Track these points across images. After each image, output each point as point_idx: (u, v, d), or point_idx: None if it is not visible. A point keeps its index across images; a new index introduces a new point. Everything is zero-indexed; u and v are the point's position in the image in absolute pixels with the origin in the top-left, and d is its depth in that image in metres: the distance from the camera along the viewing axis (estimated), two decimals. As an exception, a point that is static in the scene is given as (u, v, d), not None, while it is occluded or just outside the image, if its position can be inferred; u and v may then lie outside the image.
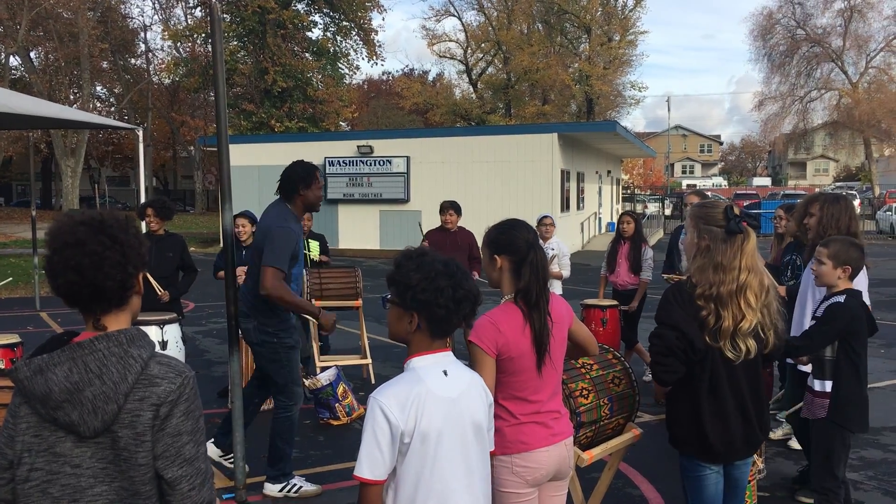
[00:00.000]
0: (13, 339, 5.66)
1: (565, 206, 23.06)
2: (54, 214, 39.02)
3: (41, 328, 10.96)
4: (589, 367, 3.64)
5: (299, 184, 4.83)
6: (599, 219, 30.52)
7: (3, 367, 5.41)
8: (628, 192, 48.86)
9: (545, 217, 7.94)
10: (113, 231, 1.83)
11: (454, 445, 2.25)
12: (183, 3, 44.31)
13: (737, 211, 3.07)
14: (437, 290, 2.22)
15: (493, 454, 2.52)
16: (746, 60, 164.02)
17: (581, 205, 26.21)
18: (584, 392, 3.48)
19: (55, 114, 18.87)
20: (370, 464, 2.15)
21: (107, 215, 1.87)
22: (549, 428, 2.84)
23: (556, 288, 7.55)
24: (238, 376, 4.80)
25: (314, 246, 8.29)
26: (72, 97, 40.10)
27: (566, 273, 7.73)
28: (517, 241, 2.84)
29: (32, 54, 39.80)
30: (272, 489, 4.93)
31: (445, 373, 2.28)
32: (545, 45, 45.57)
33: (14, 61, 39.60)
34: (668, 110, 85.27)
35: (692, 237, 3.16)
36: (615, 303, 7.53)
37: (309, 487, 4.97)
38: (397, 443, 2.17)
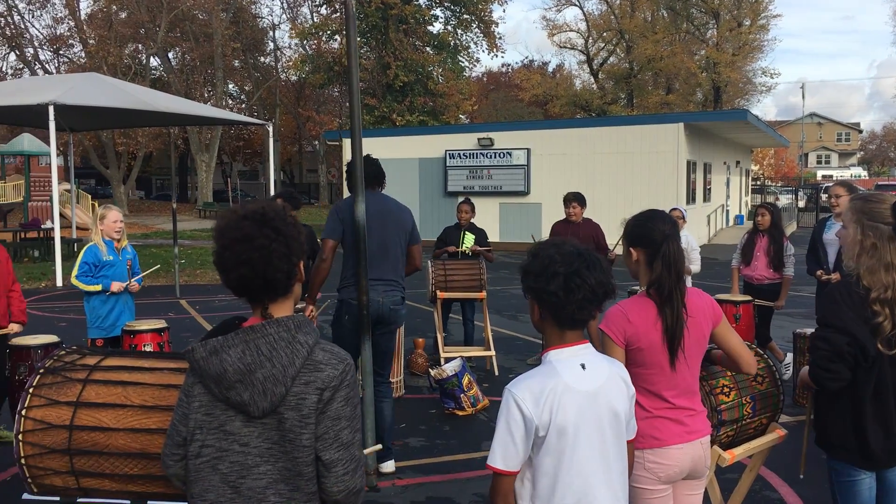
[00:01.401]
0: (160, 324, 5.99)
1: (691, 198, 22.36)
2: (189, 207, 41.18)
3: (181, 315, 11.56)
4: (730, 363, 3.49)
5: (383, 177, 5.35)
6: (727, 211, 29.42)
7: (150, 349, 5.74)
8: (758, 183, 46.89)
9: (674, 210, 7.71)
10: (275, 223, 1.90)
11: (592, 440, 2.20)
12: (310, 2, 45.73)
13: None
14: (548, 278, 2.17)
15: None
16: (889, 43, 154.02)
17: (707, 197, 25.34)
18: (725, 389, 3.35)
19: (194, 111, 19.92)
20: (504, 454, 2.14)
21: (267, 208, 1.93)
22: (684, 425, 2.76)
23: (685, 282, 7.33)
24: (370, 363, 4.91)
25: (469, 238, 8.34)
26: (206, 95, 42.11)
27: (695, 268, 7.48)
28: (652, 233, 2.76)
29: (170, 55, 42.08)
30: (391, 467, 5.18)
31: (583, 366, 2.23)
32: (670, 33, 44.27)
33: (154, 62, 42.03)
34: (803, 97, 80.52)
35: (854, 234, 2.95)
36: (748, 298, 7.23)
37: None
38: (531, 436, 2.15)
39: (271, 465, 1.88)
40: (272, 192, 25.56)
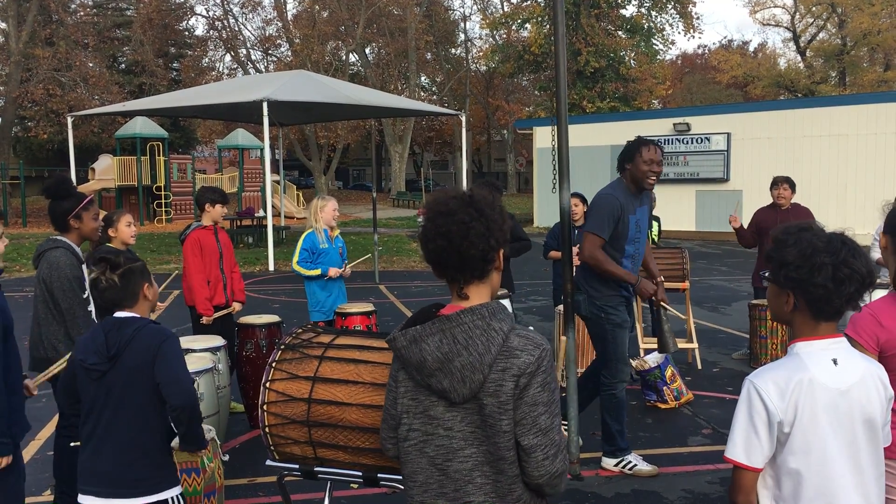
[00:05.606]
0: (369, 307, 6.29)
1: (915, 183, 20.43)
2: (383, 196, 42.90)
3: (381, 299, 12.06)
4: None
5: (624, 159, 5.04)
6: (956, 198, 26.54)
7: (361, 329, 6.03)
8: None
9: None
10: (480, 206, 1.95)
11: (842, 441, 2.04)
12: (500, -9, 46.05)
13: None
14: (814, 268, 1.99)
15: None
16: None
17: (935, 182, 23.04)
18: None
19: (391, 103, 20.67)
20: (747, 448, 2.04)
21: (476, 192, 1.99)
22: None
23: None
24: (573, 353, 4.88)
25: (653, 226, 8.15)
26: (399, 87, 43.65)
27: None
28: None
29: (367, 50, 43.96)
30: (609, 463, 4.99)
31: (835, 361, 2.06)
32: (890, 3, 40.43)
33: (352, 57, 44.08)
34: None
35: None
36: None
37: (644, 467, 4.92)
38: (775, 431, 2.02)
39: (475, 448, 1.92)
40: (464, 181, 26.07)
